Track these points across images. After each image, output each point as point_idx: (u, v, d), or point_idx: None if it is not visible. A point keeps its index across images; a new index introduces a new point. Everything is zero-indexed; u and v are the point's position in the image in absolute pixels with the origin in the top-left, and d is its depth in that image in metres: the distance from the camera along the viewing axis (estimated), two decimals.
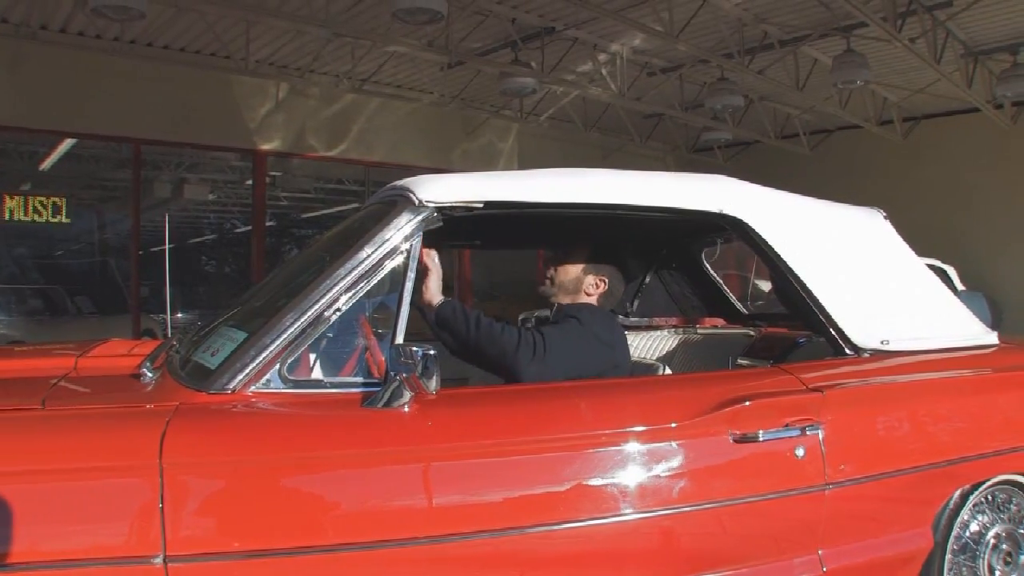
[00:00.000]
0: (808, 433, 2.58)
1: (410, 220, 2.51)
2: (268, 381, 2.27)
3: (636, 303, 4.58)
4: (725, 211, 2.92)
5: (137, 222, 11.30)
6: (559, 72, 11.11)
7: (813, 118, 14.35)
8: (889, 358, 2.98)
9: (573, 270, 3.24)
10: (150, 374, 2.59)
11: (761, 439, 2.52)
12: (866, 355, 2.94)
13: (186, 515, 1.98)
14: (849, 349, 2.94)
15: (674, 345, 4.35)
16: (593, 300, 3.23)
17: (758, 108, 13.51)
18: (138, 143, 11.14)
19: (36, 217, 11.00)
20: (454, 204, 2.57)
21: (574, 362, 2.83)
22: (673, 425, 2.46)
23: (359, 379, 2.37)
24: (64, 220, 11.25)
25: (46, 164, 12.20)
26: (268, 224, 13.82)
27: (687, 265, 4.42)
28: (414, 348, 2.23)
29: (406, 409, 2.23)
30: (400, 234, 2.49)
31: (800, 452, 2.56)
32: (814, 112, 13.67)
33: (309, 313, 2.34)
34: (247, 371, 2.25)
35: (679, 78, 12.00)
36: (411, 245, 2.49)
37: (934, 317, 3.28)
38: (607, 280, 3.23)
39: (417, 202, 2.54)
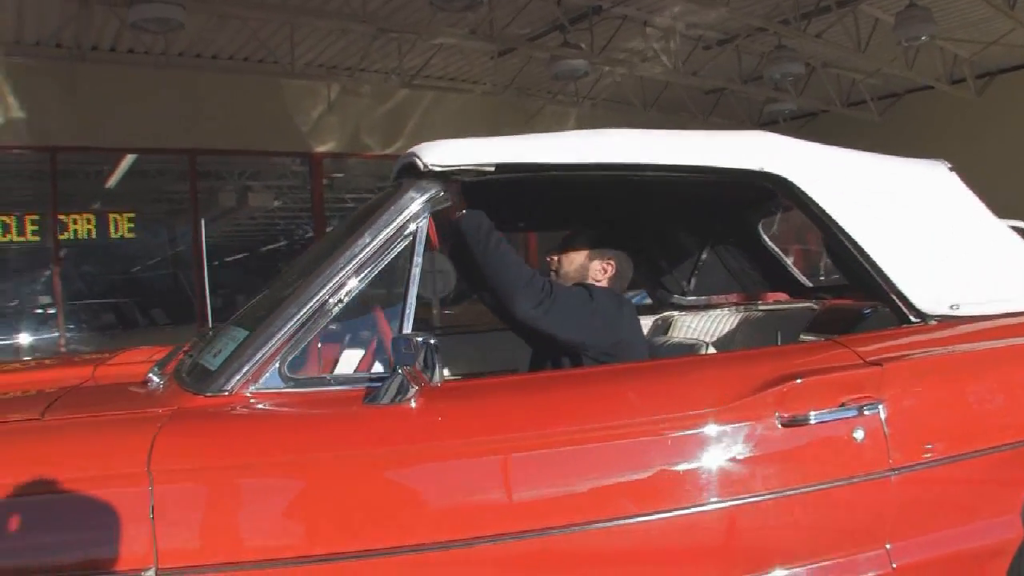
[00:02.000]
0: (867, 412, 2.28)
1: (415, 197, 2.33)
2: (267, 380, 2.13)
3: (693, 281, 4.35)
4: (767, 169, 2.63)
5: (197, 233, 11.40)
6: (611, 52, 10.84)
7: (880, 82, 13.72)
8: (960, 324, 2.66)
9: (577, 257, 3.07)
10: (156, 379, 2.46)
11: (812, 421, 2.23)
12: (933, 322, 2.63)
13: (178, 526, 1.87)
14: (914, 316, 2.62)
15: (735, 324, 4.06)
16: (603, 285, 3.04)
17: (821, 75, 12.98)
18: (193, 154, 11.22)
19: (106, 234, 11.16)
20: (462, 167, 2.37)
21: (572, 325, 2.67)
22: (710, 410, 2.21)
23: (364, 374, 2.23)
24: (129, 235, 11.41)
25: (112, 181, 12.40)
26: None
27: (745, 239, 4.15)
28: (417, 338, 2.06)
29: (412, 405, 2.06)
30: (405, 214, 2.31)
31: (859, 434, 2.27)
32: (880, 76, 13.08)
33: (307, 307, 2.18)
34: (244, 371, 2.12)
35: (735, 49, 11.59)
36: (417, 225, 2.31)
37: (1012, 278, 2.92)
38: (614, 263, 3.07)
39: (423, 166, 2.34)
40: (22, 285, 11.76)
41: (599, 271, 3.05)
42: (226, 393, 2.11)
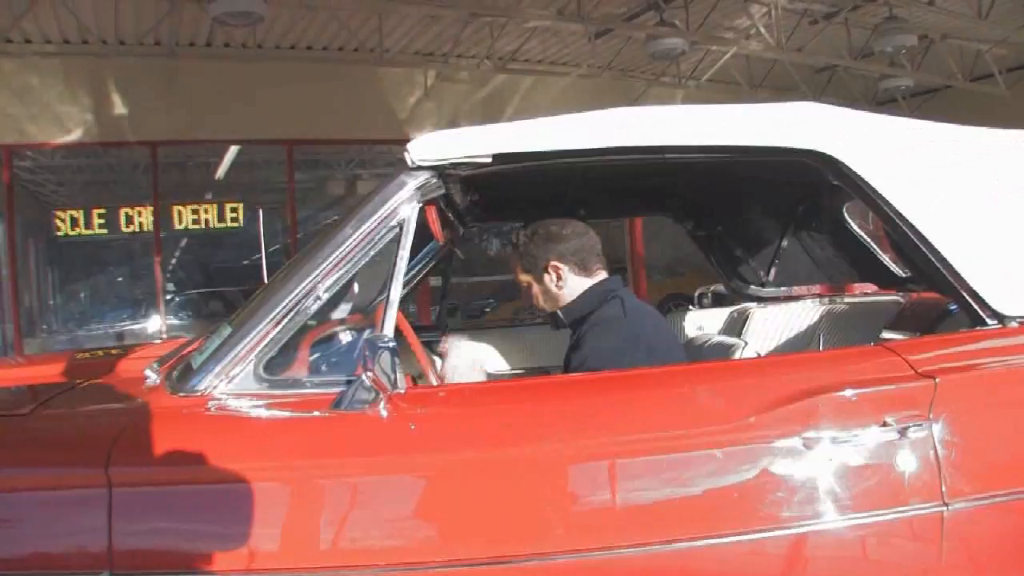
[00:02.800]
0: (913, 434, 1.91)
1: (401, 187, 2.15)
2: (242, 381, 2.01)
3: (773, 271, 3.99)
4: (810, 146, 2.26)
5: (294, 223, 11.52)
6: (710, 29, 10.41)
7: (1008, 52, 12.65)
8: None
9: (531, 285, 2.74)
10: (153, 376, 2.32)
11: (844, 443, 1.89)
12: (1014, 324, 2.21)
13: (133, 529, 1.79)
14: (989, 317, 2.21)
15: (817, 318, 3.74)
16: (587, 280, 2.69)
17: (940, 48, 12.14)
18: (290, 144, 11.32)
19: (212, 224, 11.43)
20: (455, 161, 2.17)
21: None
22: (719, 427, 1.90)
23: (345, 376, 2.02)
24: (233, 225, 11.66)
25: (220, 173, 12.73)
26: None
27: (830, 222, 3.71)
28: (377, 342, 1.89)
29: (382, 412, 1.89)
30: (389, 205, 2.13)
31: (904, 460, 1.91)
32: (1008, 45, 12.11)
33: (283, 305, 2.06)
34: (216, 371, 2.01)
35: (844, 22, 10.91)
36: (404, 217, 2.13)
37: None
38: (557, 262, 2.67)
39: (411, 163, 2.17)
40: (127, 275, 12.18)
41: (554, 283, 2.68)
42: (198, 393, 2.00)
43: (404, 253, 2.08)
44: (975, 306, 2.21)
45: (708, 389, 2.02)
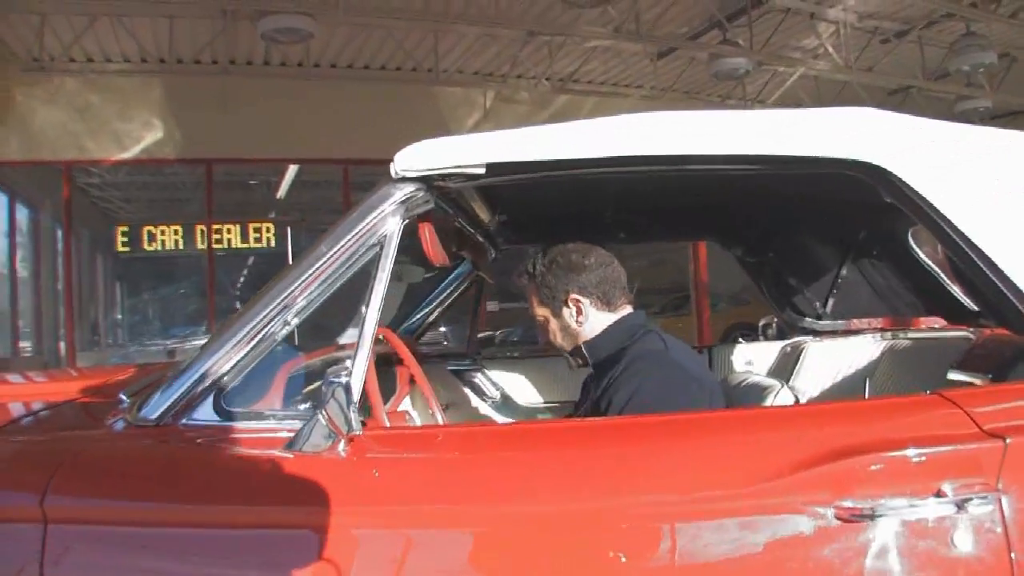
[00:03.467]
0: (974, 508, 1.57)
1: (381, 202, 1.95)
2: (200, 412, 1.85)
3: (831, 302, 3.69)
4: (857, 156, 1.95)
5: None
6: (775, 49, 10.09)
7: None
8: None
9: (547, 322, 2.47)
10: (125, 400, 2.14)
11: (887, 516, 1.56)
12: None
13: (63, 565, 1.61)
14: None
15: (878, 354, 3.41)
16: (612, 315, 2.41)
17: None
18: (346, 164, 11.29)
19: (267, 242, 11.49)
20: (443, 171, 1.96)
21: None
22: (729, 491, 1.60)
23: (305, 413, 1.83)
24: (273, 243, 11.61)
25: (281, 192, 12.79)
26: None
27: (894, 250, 3.42)
28: (330, 376, 1.68)
29: (341, 454, 1.67)
30: (366, 222, 1.93)
31: (963, 539, 1.57)
32: None
33: (247, 330, 1.88)
34: (171, 401, 1.85)
35: (917, 40, 10.48)
36: (383, 236, 1.92)
37: None
38: (578, 295, 2.40)
39: (394, 174, 1.97)
40: (184, 292, 12.30)
41: (574, 318, 2.41)
42: (151, 423, 1.84)
43: (383, 275, 1.87)
44: None
45: (723, 442, 1.73)
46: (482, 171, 1.94)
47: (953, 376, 2.77)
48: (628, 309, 2.44)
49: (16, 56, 9.62)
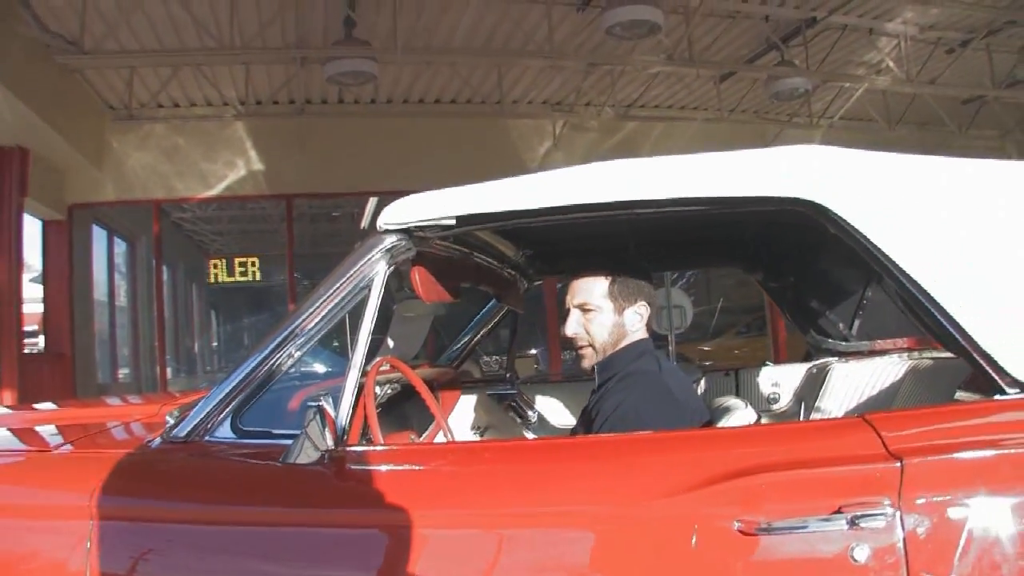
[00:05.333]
0: (866, 524, 1.65)
1: (369, 251, 2.21)
2: (221, 431, 2.12)
3: (856, 323, 3.71)
4: (797, 194, 2.04)
5: None
6: (835, 66, 10.07)
7: None
8: None
9: (608, 316, 2.60)
10: (169, 421, 2.44)
11: (788, 531, 1.68)
12: None
13: (105, 561, 1.88)
14: (1008, 386, 1.91)
15: (901, 374, 3.40)
16: (641, 334, 2.59)
17: None
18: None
19: None
20: (419, 224, 2.20)
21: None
22: (641, 505, 1.76)
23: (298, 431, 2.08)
24: None
25: (364, 223, 13.15)
26: None
27: None
28: (307, 401, 2.00)
29: (323, 467, 1.95)
30: (356, 269, 2.19)
31: (860, 554, 1.65)
32: None
33: (258, 359, 2.15)
34: (198, 420, 2.12)
35: (985, 48, 10.31)
36: (370, 281, 2.18)
37: None
38: (645, 301, 2.59)
39: (379, 227, 2.22)
40: (269, 322, 12.75)
41: (636, 321, 2.58)
42: (180, 440, 2.11)
43: (371, 313, 2.11)
44: (991, 372, 1.94)
45: (644, 460, 1.89)
46: (453, 223, 2.18)
47: (960, 396, 2.85)
48: (646, 334, 2.65)
49: (110, 106, 10.35)
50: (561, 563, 1.77)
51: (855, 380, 3.50)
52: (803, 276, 3.76)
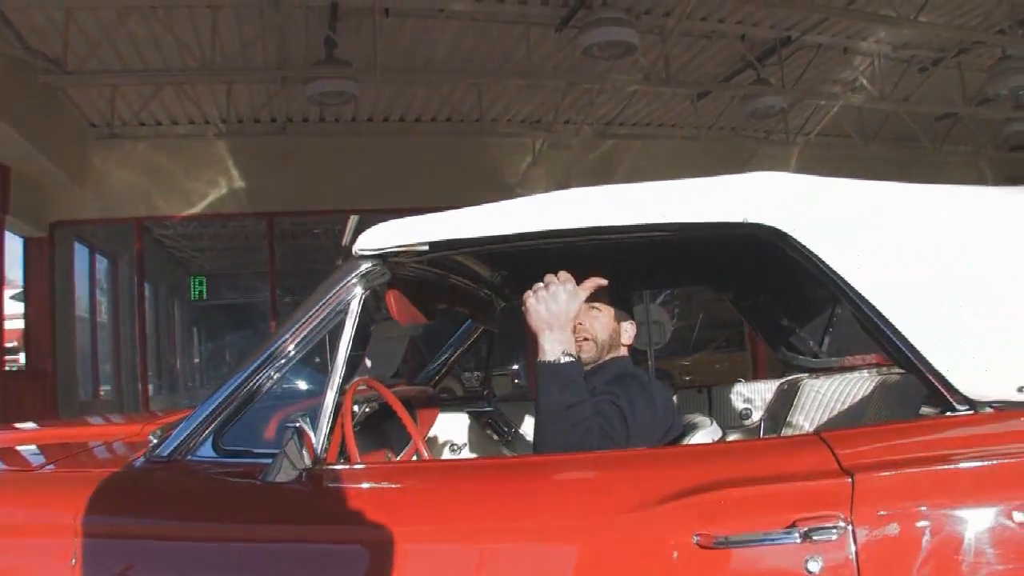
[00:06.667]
0: (819, 538, 1.71)
1: (345, 276, 2.27)
2: (202, 450, 2.17)
3: (826, 340, 3.80)
4: (752, 219, 2.11)
5: None
6: (811, 84, 10.22)
7: None
8: None
9: (608, 318, 2.75)
10: (153, 440, 2.48)
11: (744, 545, 1.75)
12: (988, 411, 1.97)
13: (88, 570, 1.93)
14: (959, 403, 1.98)
15: (870, 389, 3.43)
16: (626, 352, 2.75)
17: None
18: (401, 213, 11.60)
19: None
20: (393, 249, 2.27)
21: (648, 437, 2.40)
22: (603, 520, 1.83)
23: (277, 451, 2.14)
24: None
25: (345, 239, 13.18)
26: None
27: None
28: (285, 421, 2.04)
29: (300, 485, 2.00)
30: (331, 294, 2.25)
31: (815, 567, 1.71)
32: None
33: (238, 380, 2.20)
34: (181, 440, 2.17)
35: (957, 67, 10.50)
36: (346, 305, 2.23)
37: None
38: (634, 321, 2.77)
39: (354, 252, 2.29)
40: (252, 339, 12.75)
41: (627, 334, 2.78)
42: (163, 459, 2.15)
43: (347, 337, 2.17)
44: (942, 390, 2.01)
45: (615, 477, 1.97)
46: (426, 248, 2.26)
47: (924, 411, 2.93)
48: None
49: (91, 124, 10.39)
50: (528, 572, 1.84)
51: (825, 396, 3.55)
52: (773, 295, 3.82)
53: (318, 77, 8.09)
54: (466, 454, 3.76)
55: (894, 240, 2.15)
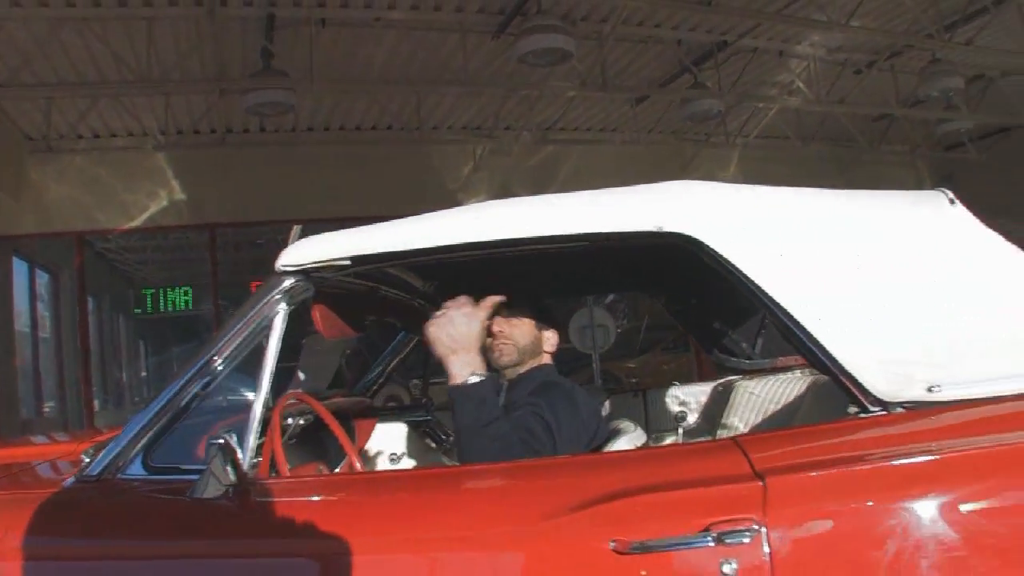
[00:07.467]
0: (732, 541, 1.73)
1: (268, 292, 2.28)
2: (132, 468, 2.15)
3: (759, 341, 3.80)
4: (666, 228, 2.16)
5: None
6: (748, 87, 10.39)
7: None
8: (936, 415, 2.01)
9: (528, 327, 2.79)
10: (85, 459, 2.50)
11: (660, 550, 1.75)
12: (899, 411, 1.99)
13: None
14: (872, 404, 2.00)
15: (803, 389, 3.51)
16: (550, 360, 2.79)
17: (1001, 85, 11.71)
18: (343, 221, 11.51)
19: None
20: (315, 265, 2.29)
21: (573, 445, 2.44)
22: (512, 529, 1.86)
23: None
24: None
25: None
26: None
27: None
28: (212, 438, 2.02)
29: (227, 501, 2.00)
30: (255, 310, 2.26)
31: (729, 570, 1.73)
32: None
33: (167, 399, 2.20)
34: (111, 459, 2.15)
35: (891, 69, 10.74)
36: (270, 321, 2.24)
37: None
38: (556, 330, 2.81)
39: (276, 269, 2.30)
40: (190, 352, 12.65)
41: (550, 343, 2.82)
42: (92, 478, 2.14)
43: (272, 353, 2.18)
44: (855, 391, 2.04)
45: (533, 486, 2.00)
46: (348, 263, 2.28)
47: (851, 410, 2.98)
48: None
49: (28, 137, 10.21)
50: None
51: (759, 397, 3.63)
52: (704, 298, 3.84)
53: (255, 88, 8.06)
54: (405, 463, 3.77)
55: (804, 244, 2.20)
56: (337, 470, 2.90)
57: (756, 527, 1.75)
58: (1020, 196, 13.12)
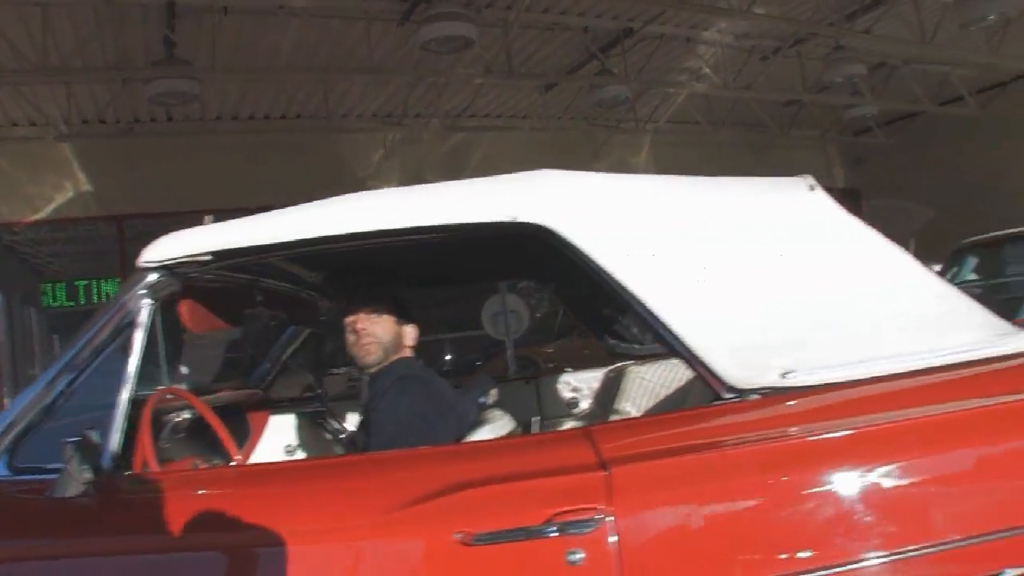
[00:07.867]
0: (576, 531, 1.74)
1: (131, 288, 2.25)
2: None
3: None
4: (521, 218, 2.16)
5: None
6: (657, 73, 10.52)
7: (975, 73, 12.36)
8: (790, 400, 2.00)
9: (390, 323, 2.83)
10: None
11: (506, 540, 1.76)
12: (754, 397, 1.99)
13: None
14: (725, 392, 2.00)
15: (692, 374, 3.58)
16: (412, 352, 2.83)
17: (904, 73, 12.05)
18: (251, 212, 11.42)
19: None
20: (177, 260, 2.26)
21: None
22: (360, 523, 1.88)
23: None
24: None
25: None
26: None
27: None
28: (66, 439, 1.99)
29: (86, 499, 1.98)
30: (117, 306, 2.24)
31: (575, 559, 1.74)
32: (973, 66, 11.82)
33: (31, 398, 2.17)
34: None
35: (797, 56, 10.96)
36: (133, 317, 2.21)
37: (904, 323, 2.20)
38: (416, 325, 2.85)
39: (139, 264, 2.27)
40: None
41: (411, 338, 2.85)
42: None
43: (137, 348, 2.16)
44: (709, 380, 2.03)
45: (382, 480, 2.02)
46: (209, 258, 2.27)
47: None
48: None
49: None
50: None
51: (650, 382, 3.63)
52: (590, 285, 3.88)
53: (158, 77, 7.93)
54: (300, 455, 3.77)
55: (659, 232, 2.23)
56: (232, 464, 2.90)
57: (601, 516, 1.75)
58: (928, 179, 13.59)
